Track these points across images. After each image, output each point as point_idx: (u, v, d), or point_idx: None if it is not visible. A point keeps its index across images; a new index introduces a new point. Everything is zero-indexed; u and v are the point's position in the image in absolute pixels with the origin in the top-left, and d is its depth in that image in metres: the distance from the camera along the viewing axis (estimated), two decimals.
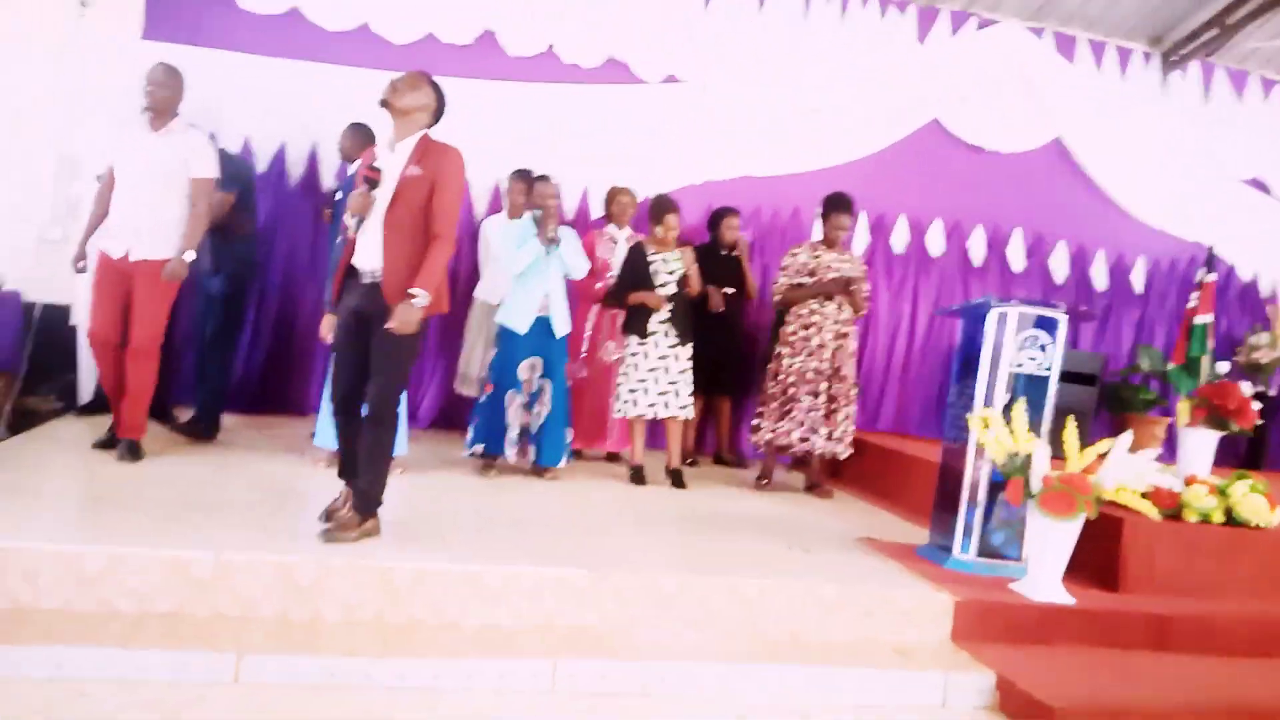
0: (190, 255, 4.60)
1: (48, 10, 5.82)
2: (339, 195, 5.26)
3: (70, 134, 5.81)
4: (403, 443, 4.88)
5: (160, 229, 4.56)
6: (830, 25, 7.11)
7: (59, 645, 2.87)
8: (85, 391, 5.72)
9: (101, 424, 5.14)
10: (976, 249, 7.54)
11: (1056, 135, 7.52)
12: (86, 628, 2.99)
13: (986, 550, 4.31)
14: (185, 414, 5.44)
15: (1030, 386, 4.33)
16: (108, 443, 4.69)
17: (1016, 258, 7.59)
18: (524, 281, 5.09)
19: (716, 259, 6.26)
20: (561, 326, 5.17)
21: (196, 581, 3.18)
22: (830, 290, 5.57)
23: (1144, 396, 7.41)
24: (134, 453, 4.57)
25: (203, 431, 5.24)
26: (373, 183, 3.62)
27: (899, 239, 7.37)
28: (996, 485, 4.23)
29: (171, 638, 2.99)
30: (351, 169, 5.49)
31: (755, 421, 5.74)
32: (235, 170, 5.31)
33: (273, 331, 6.35)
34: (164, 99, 4.58)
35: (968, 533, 4.31)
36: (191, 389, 5.47)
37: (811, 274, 5.62)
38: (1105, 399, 7.43)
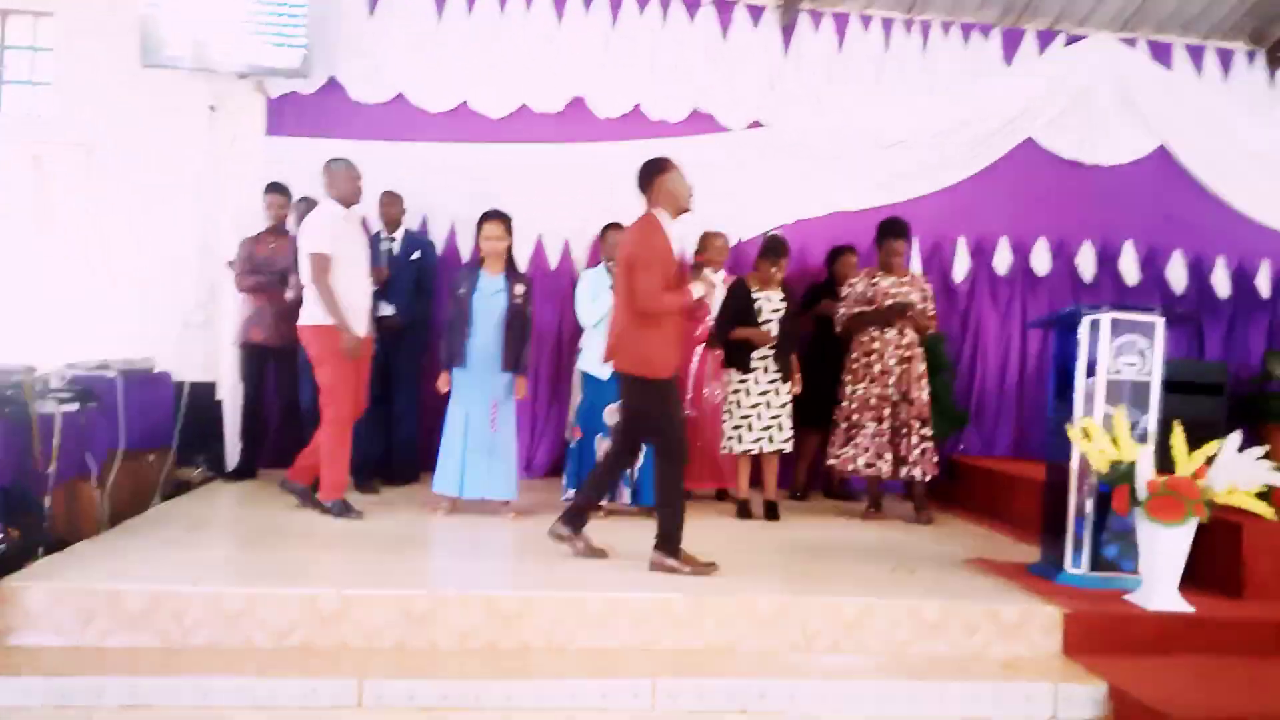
0: None
1: (182, 116, 6.48)
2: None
3: (205, 226, 6.42)
4: (515, 487, 5.16)
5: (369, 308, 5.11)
6: (912, 57, 7.17)
7: (204, 676, 3.17)
8: (231, 460, 6.22)
9: (247, 489, 5.74)
10: (1086, 265, 7.34)
11: (1160, 143, 7.32)
12: (228, 660, 3.29)
13: (1100, 564, 4.22)
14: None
15: (1134, 394, 4.25)
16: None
17: (1130, 271, 7.35)
18: (603, 329, 5.26)
19: (836, 295, 6.36)
20: None
21: (323, 616, 3.46)
22: (888, 317, 5.60)
23: None
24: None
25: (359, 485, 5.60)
26: None
27: (1002, 261, 7.27)
28: (1104, 497, 4.15)
29: (302, 667, 3.26)
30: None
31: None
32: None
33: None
34: (360, 191, 5.04)
35: (1078, 547, 4.24)
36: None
37: (870, 301, 5.66)
38: (1238, 410, 7.08)
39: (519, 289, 5.16)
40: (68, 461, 4.24)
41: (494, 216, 5.16)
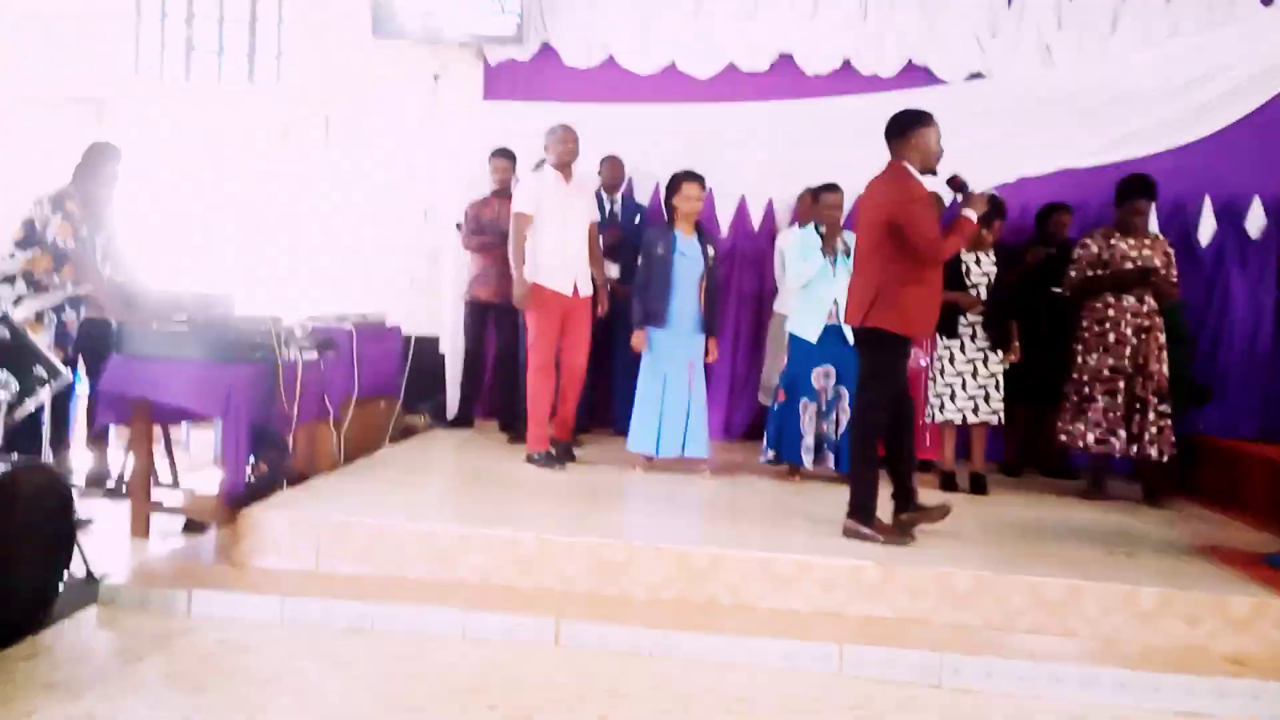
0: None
1: (408, 84, 6.93)
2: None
3: (430, 189, 6.83)
4: (708, 446, 5.24)
5: (587, 268, 5.31)
6: (1154, 2, 6.57)
7: (419, 606, 3.44)
8: (451, 409, 6.63)
9: (464, 437, 6.12)
10: None
11: None
12: (440, 593, 3.55)
13: None
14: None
15: None
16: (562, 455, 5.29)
17: None
18: (812, 291, 5.19)
19: (1045, 258, 5.99)
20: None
21: (524, 559, 3.67)
22: (1128, 281, 5.18)
23: None
24: (569, 455, 5.34)
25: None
26: None
27: (1254, 223, 6.57)
28: None
29: (504, 604, 3.48)
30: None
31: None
32: None
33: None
34: (575, 154, 5.26)
35: None
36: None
37: (1105, 264, 5.25)
38: None
39: (711, 251, 5.21)
40: (309, 404, 4.64)
41: (693, 177, 5.18)
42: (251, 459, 4.26)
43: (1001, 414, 5.34)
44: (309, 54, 7.06)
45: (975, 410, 5.29)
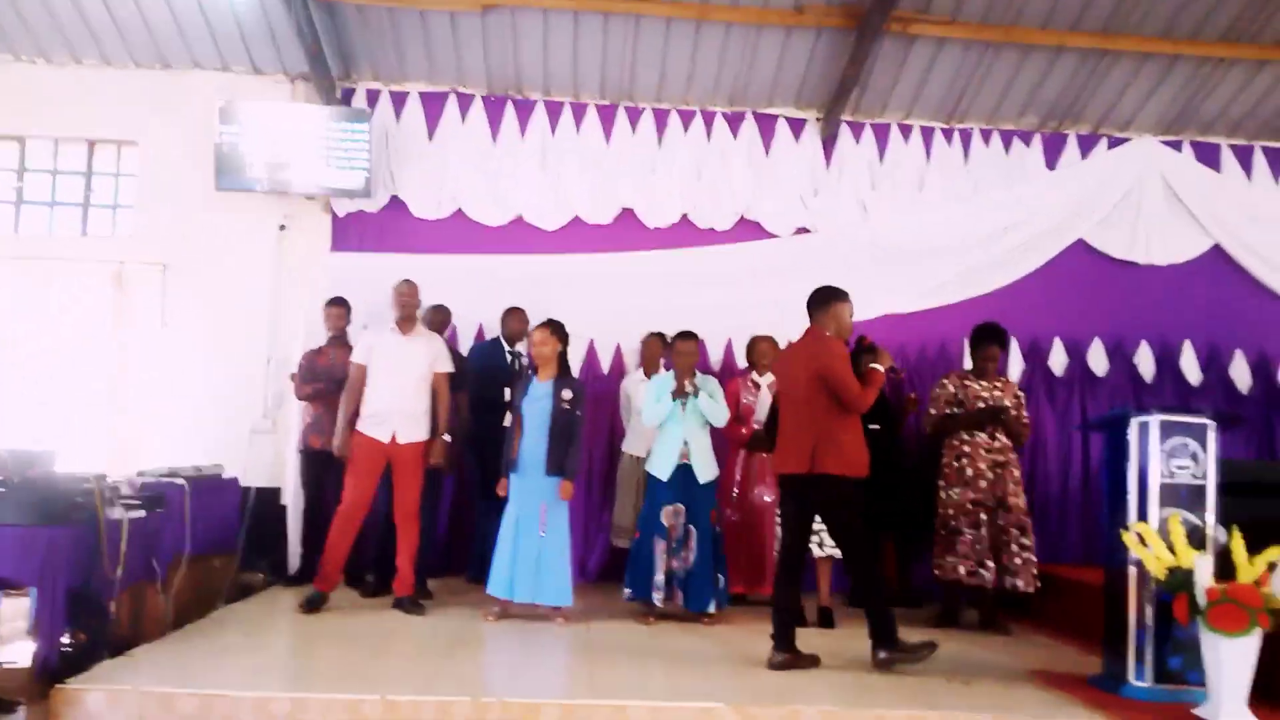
0: (447, 438, 5.49)
1: (253, 235, 6.89)
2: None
3: (273, 338, 6.72)
4: (567, 594, 5.18)
5: (418, 417, 5.32)
6: (954, 164, 7.33)
7: None
8: (293, 565, 6.33)
9: (306, 594, 5.70)
10: (1145, 365, 7.24)
11: (1214, 243, 7.29)
12: None
13: (1165, 676, 4.07)
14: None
15: (1192, 498, 4.16)
16: (311, 603, 5.17)
17: (1191, 371, 7.23)
18: (664, 432, 5.36)
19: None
20: (704, 473, 5.36)
21: None
22: (980, 420, 5.56)
23: None
24: (415, 607, 5.27)
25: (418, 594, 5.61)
26: None
27: (1057, 362, 7.21)
28: (1165, 605, 4.03)
29: None
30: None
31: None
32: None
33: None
34: (413, 307, 5.46)
35: (1140, 658, 4.11)
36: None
37: (960, 404, 5.64)
38: None
39: (566, 394, 5.24)
40: (134, 566, 4.37)
41: (542, 325, 5.34)
42: (69, 628, 3.95)
43: None
44: (148, 205, 6.92)
45: (820, 545, 5.45)
